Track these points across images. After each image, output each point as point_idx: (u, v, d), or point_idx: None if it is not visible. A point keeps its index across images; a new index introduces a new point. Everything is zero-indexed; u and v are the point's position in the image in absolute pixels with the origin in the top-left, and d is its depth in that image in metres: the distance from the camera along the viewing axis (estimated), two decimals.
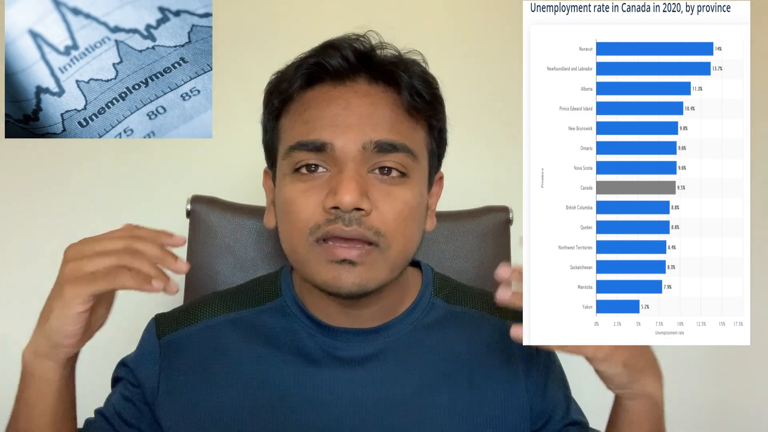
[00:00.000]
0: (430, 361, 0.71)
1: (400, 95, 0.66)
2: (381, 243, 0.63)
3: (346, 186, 0.61)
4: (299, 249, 0.65)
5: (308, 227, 0.63)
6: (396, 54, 0.68)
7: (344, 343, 0.70)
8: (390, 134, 0.64)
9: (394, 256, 0.64)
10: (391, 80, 0.66)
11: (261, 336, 0.71)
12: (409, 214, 0.65)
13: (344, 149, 0.63)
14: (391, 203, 0.64)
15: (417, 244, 0.69)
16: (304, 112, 0.66)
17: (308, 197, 0.63)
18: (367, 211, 0.62)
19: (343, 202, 0.60)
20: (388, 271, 0.65)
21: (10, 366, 1.16)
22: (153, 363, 0.71)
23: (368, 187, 0.63)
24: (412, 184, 0.66)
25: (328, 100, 0.65)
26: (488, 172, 1.23)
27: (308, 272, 0.65)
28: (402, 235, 0.64)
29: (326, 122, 0.64)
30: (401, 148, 0.64)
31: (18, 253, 1.16)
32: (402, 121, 0.66)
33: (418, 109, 0.66)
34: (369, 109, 0.64)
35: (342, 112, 0.64)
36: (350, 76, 0.66)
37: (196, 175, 1.18)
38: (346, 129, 0.63)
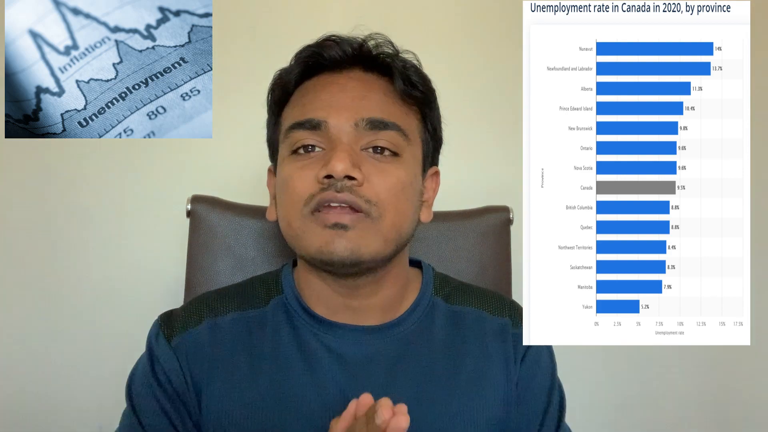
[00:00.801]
0: (431, 360, 0.71)
1: (393, 83, 0.69)
2: (372, 212, 0.65)
3: (339, 155, 0.63)
4: (294, 222, 0.66)
5: (303, 198, 0.65)
6: (388, 45, 0.71)
7: (346, 340, 0.70)
8: (382, 113, 0.67)
9: (386, 228, 0.66)
10: (385, 70, 0.70)
11: (265, 335, 0.71)
12: (401, 190, 0.67)
13: (338, 126, 0.66)
14: (384, 177, 0.66)
15: (411, 225, 0.70)
16: (302, 97, 0.70)
17: (304, 172, 0.66)
18: (359, 181, 0.64)
19: (336, 169, 0.63)
20: (381, 241, 0.66)
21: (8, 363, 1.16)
22: (173, 361, 0.69)
23: (361, 162, 0.65)
24: (405, 163, 0.68)
25: (324, 85, 0.69)
26: (488, 172, 1.22)
27: (303, 244, 0.66)
28: (394, 208, 0.66)
29: (321, 103, 0.67)
30: (393, 127, 0.67)
31: (18, 253, 1.16)
32: (394, 103, 0.69)
33: (412, 96, 0.70)
34: (362, 92, 0.68)
35: (337, 94, 0.68)
36: (346, 66, 0.70)
37: (196, 175, 1.18)
38: (339, 108, 0.67)
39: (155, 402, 0.68)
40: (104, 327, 1.15)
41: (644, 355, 1.24)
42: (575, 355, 1.20)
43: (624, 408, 1.24)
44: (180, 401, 0.69)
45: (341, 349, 0.70)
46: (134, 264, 1.16)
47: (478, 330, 0.74)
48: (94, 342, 1.16)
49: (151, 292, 1.14)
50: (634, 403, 1.24)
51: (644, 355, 1.23)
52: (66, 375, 1.16)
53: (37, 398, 1.16)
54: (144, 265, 1.16)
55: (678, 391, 1.25)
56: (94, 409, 1.12)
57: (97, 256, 1.16)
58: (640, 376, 1.24)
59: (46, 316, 1.16)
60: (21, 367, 1.16)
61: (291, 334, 0.71)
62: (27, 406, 1.16)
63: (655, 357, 1.24)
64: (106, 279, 1.16)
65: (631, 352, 1.23)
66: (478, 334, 0.73)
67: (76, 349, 1.16)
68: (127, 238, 1.17)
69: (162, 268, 1.15)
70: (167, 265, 1.14)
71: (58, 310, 1.16)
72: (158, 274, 1.15)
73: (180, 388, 0.69)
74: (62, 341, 1.16)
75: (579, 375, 1.23)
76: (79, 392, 1.16)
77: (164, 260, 1.15)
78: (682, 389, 1.24)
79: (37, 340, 1.16)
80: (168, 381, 0.69)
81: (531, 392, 0.73)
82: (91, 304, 1.16)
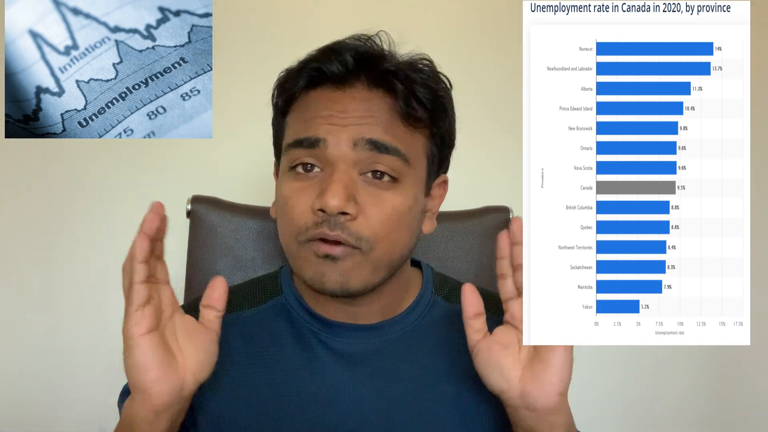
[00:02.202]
0: (431, 358, 0.71)
1: (397, 102, 0.66)
2: (363, 246, 0.64)
3: (333, 189, 0.62)
4: (290, 246, 0.67)
5: (298, 227, 0.65)
6: (398, 60, 0.68)
7: (345, 339, 0.70)
8: (384, 135, 0.65)
9: (377, 258, 0.65)
10: (390, 87, 0.66)
11: (265, 335, 0.71)
12: (397, 219, 0.66)
13: (337, 147, 0.64)
14: (380, 208, 0.64)
15: (407, 248, 0.69)
16: (304, 111, 0.68)
17: (300, 197, 0.65)
18: (353, 216, 0.63)
19: (329, 205, 0.62)
20: (370, 272, 0.65)
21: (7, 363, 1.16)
22: None
23: (357, 191, 0.64)
24: (403, 189, 0.66)
25: (326, 101, 0.66)
26: (488, 172, 1.23)
27: (297, 268, 0.68)
28: (387, 239, 0.65)
29: (322, 120, 0.65)
30: (393, 152, 0.65)
31: (18, 253, 1.16)
32: (398, 126, 0.66)
33: (416, 117, 0.67)
34: (365, 112, 0.65)
35: (338, 113, 0.65)
36: (349, 81, 0.67)
37: (196, 175, 1.18)
38: (340, 128, 0.65)
39: None
40: (104, 327, 1.15)
41: (644, 355, 1.24)
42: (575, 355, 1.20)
43: (624, 408, 1.24)
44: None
45: (341, 348, 0.70)
46: None
47: None
48: (93, 342, 1.16)
49: None
50: (634, 403, 1.25)
51: (644, 355, 1.24)
52: (66, 375, 1.16)
53: (37, 399, 1.16)
54: None
55: (678, 391, 1.25)
56: (94, 410, 1.12)
57: (97, 256, 1.16)
58: (640, 376, 1.24)
59: (45, 316, 1.16)
60: (21, 368, 1.16)
61: (290, 333, 0.71)
62: (27, 407, 1.16)
63: (655, 357, 1.24)
64: (105, 279, 1.16)
65: (631, 352, 1.23)
66: None
67: (75, 349, 1.16)
68: (127, 238, 1.17)
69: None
70: (167, 265, 1.13)
71: (57, 310, 1.16)
72: None
73: None
74: (62, 341, 1.16)
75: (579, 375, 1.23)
76: (78, 393, 1.17)
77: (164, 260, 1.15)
78: (682, 389, 1.24)
79: (36, 340, 1.16)
80: None
81: None
82: (90, 304, 1.16)
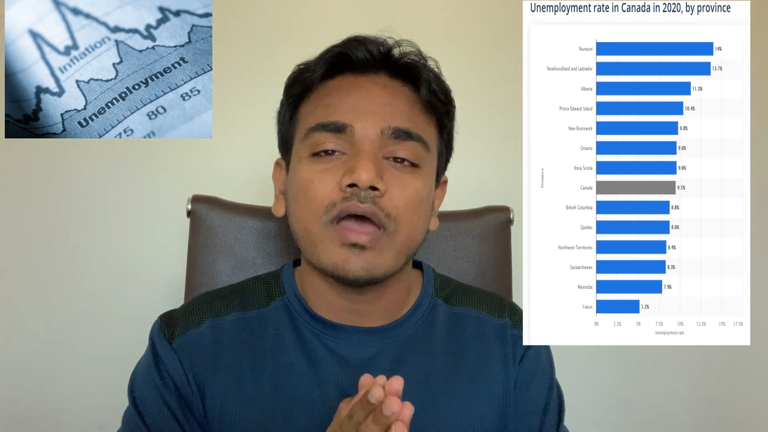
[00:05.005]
0: (431, 361, 0.71)
1: (417, 91, 0.69)
2: (390, 227, 0.65)
3: (364, 164, 0.63)
4: (313, 229, 0.66)
5: (324, 206, 0.65)
6: (415, 52, 0.71)
7: (348, 342, 0.70)
8: (408, 123, 0.67)
9: (400, 242, 0.66)
10: (410, 77, 0.69)
11: (268, 337, 0.71)
12: (418, 203, 0.67)
13: (363, 132, 0.65)
14: (403, 189, 0.66)
15: (422, 237, 0.70)
16: (325, 97, 0.69)
17: (325, 177, 0.65)
18: (382, 192, 0.64)
19: (361, 178, 0.63)
20: (393, 257, 0.66)
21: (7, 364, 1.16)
22: (175, 362, 0.69)
23: (383, 172, 0.65)
24: (423, 175, 0.68)
25: (349, 87, 0.68)
26: (488, 172, 1.22)
27: (318, 254, 0.66)
28: (410, 222, 0.66)
29: (348, 107, 0.67)
30: (416, 138, 0.67)
31: (17, 253, 1.16)
32: (418, 114, 0.69)
33: (434, 105, 0.70)
34: (389, 99, 0.68)
35: (363, 99, 0.67)
36: (372, 69, 0.69)
37: (196, 175, 1.18)
38: (366, 114, 0.66)
39: (160, 401, 0.68)
40: (104, 327, 1.15)
41: (644, 355, 1.24)
42: (575, 355, 1.20)
43: (624, 408, 1.24)
44: (184, 401, 0.69)
45: (343, 351, 0.70)
46: (134, 264, 1.16)
47: (478, 331, 0.74)
48: (93, 342, 1.16)
49: (151, 292, 1.14)
50: (634, 403, 1.24)
51: (644, 355, 1.24)
52: (66, 375, 1.16)
53: (37, 399, 1.16)
54: (144, 265, 1.16)
55: (678, 391, 1.25)
56: (94, 411, 1.12)
57: (97, 256, 1.16)
58: (640, 376, 1.24)
59: (45, 316, 1.16)
60: (20, 368, 1.16)
61: (293, 336, 0.71)
62: (27, 407, 1.16)
63: (655, 357, 1.24)
64: (106, 279, 1.16)
65: (631, 352, 1.23)
66: (478, 335, 0.74)
67: (75, 349, 1.16)
68: (127, 238, 1.17)
69: (162, 268, 1.15)
70: (167, 265, 1.14)
71: (57, 310, 1.16)
72: (158, 274, 1.15)
73: (183, 388, 0.68)
74: (61, 341, 1.16)
75: (579, 375, 1.23)
76: (78, 393, 1.16)
77: (164, 260, 1.15)
78: (682, 389, 1.24)
79: (36, 340, 1.16)
80: (171, 381, 0.69)
81: (529, 393, 0.73)
82: (90, 304, 1.16)
